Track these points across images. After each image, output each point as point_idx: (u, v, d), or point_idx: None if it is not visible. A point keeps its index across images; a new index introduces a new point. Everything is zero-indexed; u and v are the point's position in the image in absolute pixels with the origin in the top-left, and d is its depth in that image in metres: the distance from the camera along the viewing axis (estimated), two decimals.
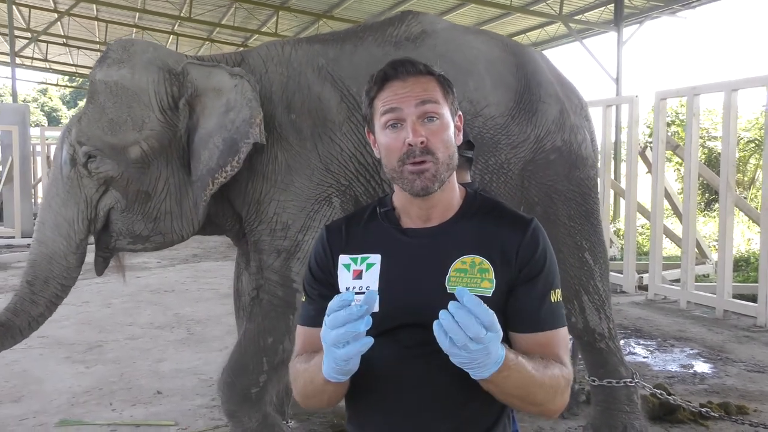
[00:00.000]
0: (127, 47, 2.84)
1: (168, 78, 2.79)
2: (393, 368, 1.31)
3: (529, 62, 3.22)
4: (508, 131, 3.04)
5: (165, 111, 2.76)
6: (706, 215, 13.01)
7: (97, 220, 2.79)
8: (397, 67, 1.34)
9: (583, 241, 3.23)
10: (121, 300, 7.07)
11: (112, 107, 2.74)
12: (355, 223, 1.43)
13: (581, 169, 3.23)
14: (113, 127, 2.73)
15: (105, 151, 2.71)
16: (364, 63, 2.96)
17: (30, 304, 2.79)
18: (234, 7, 17.38)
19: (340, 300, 1.15)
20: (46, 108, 48.23)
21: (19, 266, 9.48)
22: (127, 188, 2.76)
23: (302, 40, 3.14)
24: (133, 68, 2.77)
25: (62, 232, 2.76)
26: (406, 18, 3.17)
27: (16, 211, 12.21)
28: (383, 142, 1.33)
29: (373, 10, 16.33)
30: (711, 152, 13.22)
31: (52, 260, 2.78)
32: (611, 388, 3.28)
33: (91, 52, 26.02)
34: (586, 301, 3.23)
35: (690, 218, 6.78)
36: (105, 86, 2.76)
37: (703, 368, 4.81)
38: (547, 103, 3.15)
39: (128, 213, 2.80)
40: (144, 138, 2.73)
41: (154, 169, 2.77)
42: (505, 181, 3.05)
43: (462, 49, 3.12)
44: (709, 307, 6.55)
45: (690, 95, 6.69)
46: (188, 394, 4.21)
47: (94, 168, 2.72)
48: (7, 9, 14.95)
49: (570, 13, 14.85)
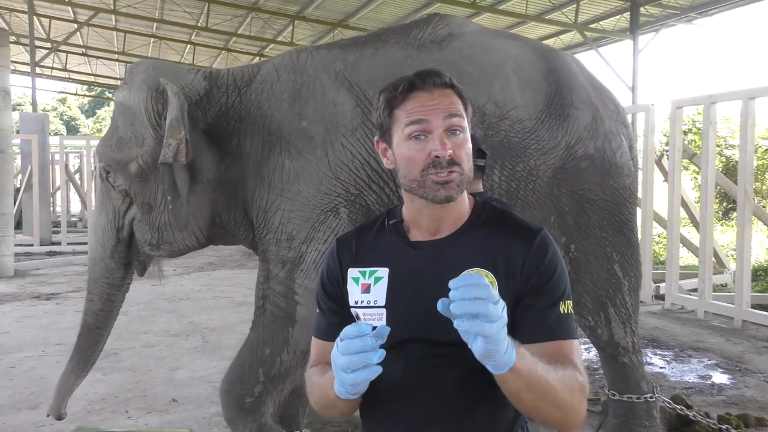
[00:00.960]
0: (134, 69, 2.99)
1: (154, 96, 2.84)
2: (401, 381, 1.32)
3: (561, 67, 3.14)
4: (537, 136, 2.95)
5: (155, 128, 2.84)
6: (724, 224, 12.88)
7: (123, 229, 3.00)
8: (425, 77, 1.33)
9: (613, 253, 3.14)
10: (137, 308, 7.11)
11: (122, 126, 2.93)
12: (364, 235, 1.44)
13: (615, 178, 3.13)
14: (120, 144, 2.91)
15: (113, 166, 2.92)
16: (383, 66, 2.92)
17: (89, 302, 3.13)
18: (250, 17, 17.52)
19: (357, 329, 1.15)
20: (65, 117, 48.78)
21: (37, 273, 9.59)
22: (136, 200, 2.94)
23: (322, 46, 3.12)
24: (131, 88, 2.90)
25: (98, 239, 3.04)
26: (433, 20, 3.13)
27: (35, 219, 12.34)
28: (405, 153, 1.33)
29: (388, 19, 16.38)
30: (728, 161, 13.09)
31: (95, 262, 3.08)
32: (631, 403, 3.22)
33: (110, 62, 26.33)
34: (612, 313, 3.16)
35: (707, 227, 6.72)
36: (117, 107, 2.98)
37: (722, 379, 4.75)
38: (579, 108, 3.06)
39: (141, 223, 2.97)
40: (141, 154, 2.86)
41: (152, 182, 2.89)
42: (534, 188, 2.96)
43: (488, 51, 3.06)
44: (727, 317, 6.48)
45: (707, 103, 6.64)
46: (203, 403, 4.22)
47: (112, 182, 2.94)
48: (28, 19, 15.15)
49: (585, 21, 14.81)
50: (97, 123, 49.45)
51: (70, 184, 15.04)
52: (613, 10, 14.36)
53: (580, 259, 3.10)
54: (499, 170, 2.88)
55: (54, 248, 12.30)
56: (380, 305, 1.33)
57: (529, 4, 14.02)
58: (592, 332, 3.21)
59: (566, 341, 1.29)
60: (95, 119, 50.17)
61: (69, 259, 10.93)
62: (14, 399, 4.27)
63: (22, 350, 5.42)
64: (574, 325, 1.33)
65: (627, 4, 13.67)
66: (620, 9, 14.18)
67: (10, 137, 9.91)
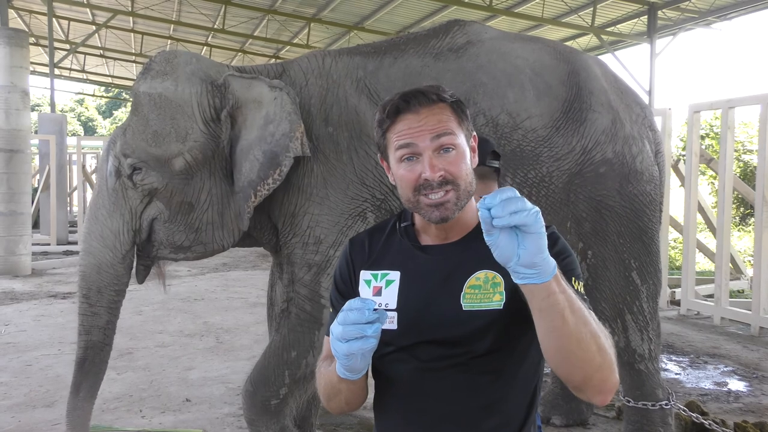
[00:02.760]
0: (170, 59, 2.83)
1: (210, 90, 2.79)
2: (412, 384, 1.33)
3: (582, 69, 3.11)
4: (550, 143, 2.94)
5: (208, 122, 2.76)
6: (741, 229, 12.76)
7: (142, 231, 2.81)
8: (409, 99, 1.32)
9: (631, 260, 3.11)
10: (151, 308, 7.16)
11: (156, 119, 2.74)
12: (376, 237, 1.45)
13: (635, 184, 3.08)
14: (157, 138, 2.72)
15: (150, 162, 2.72)
16: (401, 75, 2.94)
17: (93, 317, 2.85)
18: (267, 19, 17.58)
19: (361, 302, 1.17)
20: (83, 118, 49.18)
21: (54, 272, 9.68)
22: (171, 199, 2.77)
23: (343, 52, 3.13)
24: (176, 80, 2.76)
25: (108, 243, 2.79)
26: (452, 28, 3.13)
27: (52, 218, 12.47)
28: (399, 174, 1.33)
29: (404, 21, 16.39)
30: (746, 166, 12.97)
31: (101, 270, 2.81)
32: (646, 410, 3.21)
33: (127, 63, 26.52)
34: (629, 320, 3.15)
35: (724, 232, 6.65)
36: (149, 98, 2.76)
37: (738, 386, 4.71)
38: (597, 112, 3.02)
39: (171, 224, 2.81)
40: (188, 149, 2.73)
41: (197, 180, 2.77)
42: (547, 195, 2.96)
43: (506, 59, 3.04)
44: (744, 323, 6.42)
45: (725, 108, 6.58)
46: (216, 403, 4.24)
47: (139, 180, 2.73)
48: (47, 21, 15.32)
49: (602, 25, 14.73)
50: (114, 124, 49.82)
51: (87, 184, 15.17)
52: (630, 13, 14.27)
53: (598, 265, 3.08)
54: (511, 177, 2.90)
55: (70, 248, 12.41)
56: (391, 308, 1.33)
57: (546, 8, 13.96)
58: None
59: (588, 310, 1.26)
60: (112, 120, 50.55)
61: None
62: (30, 397, 4.31)
63: (39, 348, 5.47)
64: (590, 306, 1.29)
65: (644, 7, 13.59)
66: (638, 12, 14.08)
67: (29, 138, 10.03)
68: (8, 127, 9.37)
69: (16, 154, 9.46)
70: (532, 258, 1.09)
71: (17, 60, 9.53)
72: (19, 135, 9.51)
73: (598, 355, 1.16)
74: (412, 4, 14.94)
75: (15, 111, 9.44)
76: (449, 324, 1.28)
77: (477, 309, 1.28)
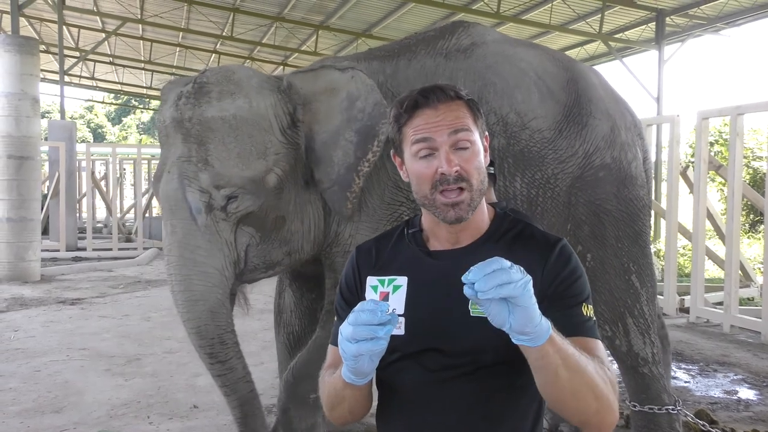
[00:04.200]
0: (230, 77, 2.67)
1: (281, 97, 2.72)
2: (418, 391, 1.31)
3: (580, 78, 3.18)
4: (555, 145, 3.00)
5: (285, 131, 2.69)
6: (751, 237, 12.69)
7: (240, 261, 2.67)
8: (428, 94, 1.33)
9: (630, 264, 3.15)
10: (159, 314, 7.17)
11: (235, 141, 2.58)
12: (384, 244, 1.44)
13: (630, 188, 3.15)
14: (243, 160, 2.58)
15: (246, 187, 2.57)
16: (417, 76, 2.97)
17: (230, 373, 2.69)
18: (275, 27, 17.66)
19: (373, 304, 1.16)
20: (92, 125, 49.46)
21: (63, 279, 9.72)
22: (266, 218, 2.64)
23: (360, 57, 3.14)
24: (248, 96, 2.63)
25: (215, 281, 2.61)
26: (457, 30, 3.16)
27: (62, 225, 12.52)
28: (414, 169, 1.33)
29: (411, 28, 16.41)
30: (756, 172, 12.91)
31: (216, 315, 2.62)
32: (653, 414, 3.19)
33: (136, 71, 26.70)
34: (631, 324, 3.16)
35: (733, 239, 6.62)
36: (222, 122, 2.58)
37: (748, 395, 4.67)
38: (597, 118, 3.09)
39: (264, 243, 2.69)
40: (273, 163, 2.62)
41: (286, 192, 2.70)
42: (552, 196, 3.00)
43: (511, 61, 3.09)
44: (754, 331, 6.37)
45: (733, 114, 6.56)
46: (224, 409, 4.21)
47: (233, 208, 2.57)
48: (57, 29, 15.45)
49: (610, 31, 14.72)
50: (123, 131, 50.10)
51: (96, 190, 15.25)
52: (638, 20, 14.25)
53: (597, 268, 3.10)
54: (520, 177, 2.93)
55: (79, 254, 12.48)
56: (399, 314, 1.32)
57: (553, 14, 13.97)
58: (610, 343, 3.20)
59: (592, 339, 1.28)
60: (121, 127, 50.83)
61: (94, 264, 11.08)
62: (38, 403, 4.32)
63: (47, 354, 5.48)
64: (596, 328, 1.32)
65: (652, 14, 13.57)
66: (645, 19, 14.06)
67: (39, 144, 10.08)
68: (18, 134, 9.44)
69: (26, 161, 9.52)
70: (523, 328, 1.09)
71: (28, 68, 9.61)
72: (30, 142, 9.58)
73: (594, 402, 1.18)
74: (419, 11, 15.00)
75: (25, 118, 9.51)
76: (456, 331, 1.27)
77: (485, 316, 1.28)
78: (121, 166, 20.61)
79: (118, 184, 18.20)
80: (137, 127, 51.50)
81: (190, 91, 2.63)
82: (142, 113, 51.31)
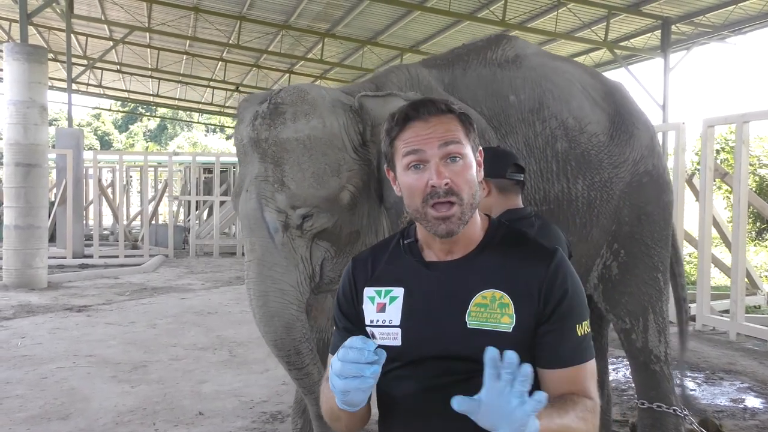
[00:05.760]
0: (304, 97, 2.68)
1: (353, 117, 2.73)
2: (416, 401, 1.33)
3: (615, 90, 3.35)
4: (609, 150, 3.13)
5: (357, 149, 2.71)
6: (757, 244, 12.65)
7: (316, 275, 2.71)
8: (419, 107, 1.33)
9: (658, 264, 3.29)
10: (165, 321, 7.20)
11: (310, 161, 2.60)
12: (380, 255, 1.45)
13: (667, 194, 3.36)
14: (318, 180, 2.60)
15: (321, 206, 2.59)
16: (477, 83, 3.05)
17: (307, 378, 2.74)
18: (281, 35, 17.74)
19: (361, 341, 1.18)
20: (99, 132, 49.70)
21: (70, 286, 9.76)
22: (340, 234, 2.68)
23: (419, 66, 3.16)
24: (321, 117, 2.65)
25: (291, 298, 2.66)
26: (501, 42, 3.26)
27: (69, 232, 12.57)
28: (406, 182, 1.33)
29: (417, 36, 16.48)
30: (762, 180, 12.89)
31: (291, 328, 2.67)
32: (660, 413, 3.24)
33: (143, 78, 26.82)
34: (651, 320, 3.26)
35: (740, 247, 6.61)
36: (297, 143, 2.60)
37: (754, 403, 4.65)
38: (639, 129, 3.26)
39: (339, 257, 2.72)
40: (347, 180, 2.64)
41: (360, 207, 2.71)
42: (607, 199, 3.10)
43: (558, 72, 3.22)
44: (760, 339, 6.35)
45: (739, 122, 6.56)
46: (229, 416, 4.25)
47: (309, 226, 2.61)
48: (66, 38, 15.56)
49: (615, 39, 14.73)
50: (129, 138, 50.34)
51: (103, 198, 15.32)
52: (643, 28, 14.26)
53: (629, 263, 3.22)
54: (582, 180, 3.03)
55: (86, 261, 12.52)
56: (395, 324, 1.34)
57: (559, 22, 13.99)
58: (626, 336, 3.27)
59: (583, 365, 1.31)
60: (128, 134, 51.07)
61: (100, 272, 11.12)
62: (45, 409, 4.34)
63: (54, 361, 5.51)
64: (590, 343, 1.34)
65: (658, 22, 13.57)
66: (651, 27, 14.07)
67: (47, 152, 10.14)
68: (26, 141, 9.50)
69: (33, 169, 9.58)
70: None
71: (36, 76, 9.68)
72: (37, 150, 9.64)
73: None
74: (425, 19, 15.03)
75: (33, 126, 9.57)
76: (453, 341, 1.28)
77: (482, 328, 1.28)
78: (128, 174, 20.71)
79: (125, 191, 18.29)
80: (144, 134, 51.75)
81: (266, 112, 2.67)
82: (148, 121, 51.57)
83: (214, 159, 15.48)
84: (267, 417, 4.22)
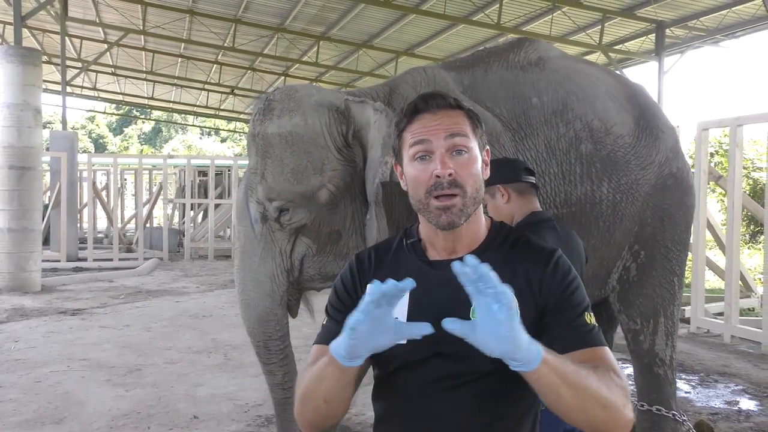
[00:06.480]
0: (292, 95, 2.78)
1: (337, 117, 2.77)
2: (420, 400, 1.32)
3: (638, 93, 3.36)
4: (636, 152, 3.12)
5: (341, 149, 2.74)
6: (751, 247, 12.70)
7: (294, 270, 2.76)
8: (428, 99, 1.35)
9: (676, 267, 3.30)
10: (160, 324, 7.18)
11: (291, 157, 2.68)
12: (383, 254, 1.45)
13: (690, 197, 3.35)
14: (297, 176, 2.67)
15: (296, 201, 2.66)
16: (499, 85, 3.05)
17: (269, 375, 2.85)
18: (276, 38, 17.75)
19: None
20: (93, 135, 49.54)
21: (64, 289, 9.72)
22: (320, 232, 2.72)
23: (437, 68, 3.18)
24: (304, 114, 2.71)
25: (265, 289, 2.74)
26: (524, 45, 3.27)
27: (63, 235, 12.52)
28: (411, 173, 1.35)
29: (412, 39, 16.51)
30: (756, 183, 12.94)
31: (263, 321, 2.76)
32: (659, 417, 3.24)
33: (138, 81, 26.79)
34: (661, 323, 3.27)
35: (734, 250, 6.63)
36: (280, 138, 2.70)
37: (749, 405, 4.67)
38: (664, 131, 3.27)
39: (320, 256, 2.77)
40: (328, 179, 2.68)
41: (341, 207, 2.74)
42: (632, 201, 3.10)
43: (581, 74, 3.22)
44: (754, 341, 6.37)
45: (733, 125, 6.59)
46: (224, 420, 4.24)
47: (286, 220, 2.68)
48: (60, 40, 15.52)
49: (610, 43, 14.78)
50: (124, 141, 50.21)
51: (97, 201, 15.28)
52: (638, 32, 14.32)
53: (646, 265, 3.23)
54: (607, 182, 3.02)
55: (80, 264, 12.47)
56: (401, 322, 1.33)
57: (554, 26, 14.04)
58: (634, 337, 3.28)
59: (599, 347, 1.28)
60: (123, 137, 50.94)
61: (94, 275, 11.08)
62: (39, 413, 4.32)
63: (48, 365, 5.48)
64: (601, 335, 1.32)
65: (652, 26, 13.63)
66: (645, 31, 14.13)
67: (41, 155, 10.11)
68: (20, 144, 9.46)
69: (27, 172, 9.54)
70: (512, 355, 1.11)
71: (30, 78, 9.64)
72: (31, 152, 9.60)
73: (603, 412, 1.18)
74: (420, 22, 15.06)
75: (27, 129, 9.54)
76: (457, 340, 1.27)
77: None
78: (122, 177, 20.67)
79: (119, 194, 18.24)
80: (138, 137, 51.62)
81: (261, 108, 2.79)
82: (143, 123, 51.45)
83: (209, 162, 15.45)
84: (262, 420, 4.21)
